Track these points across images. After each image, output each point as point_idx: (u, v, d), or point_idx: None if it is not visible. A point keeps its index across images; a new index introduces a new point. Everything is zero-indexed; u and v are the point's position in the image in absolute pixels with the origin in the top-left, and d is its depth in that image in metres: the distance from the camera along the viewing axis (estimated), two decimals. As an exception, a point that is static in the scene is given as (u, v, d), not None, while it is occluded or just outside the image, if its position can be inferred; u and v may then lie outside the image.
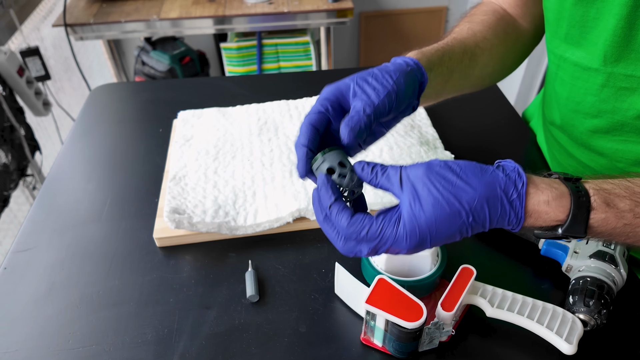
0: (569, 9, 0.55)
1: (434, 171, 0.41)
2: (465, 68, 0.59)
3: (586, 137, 0.61)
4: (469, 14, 0.67)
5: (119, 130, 0.85)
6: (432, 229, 0.40)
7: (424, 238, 0.40)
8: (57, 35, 1.76)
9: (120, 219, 0.67)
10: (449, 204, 0.40)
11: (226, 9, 1.68)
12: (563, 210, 0.41)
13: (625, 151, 0.57)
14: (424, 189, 0.40)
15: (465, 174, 0.41)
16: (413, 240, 0.40)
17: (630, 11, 0.48)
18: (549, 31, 0.62)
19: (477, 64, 0.61)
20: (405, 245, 0.40)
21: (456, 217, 0.40)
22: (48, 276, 0.59)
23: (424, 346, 0.49)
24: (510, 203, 0.40)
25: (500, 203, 0.40)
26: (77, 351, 0.51)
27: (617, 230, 0.41)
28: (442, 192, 0.40)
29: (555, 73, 0.63)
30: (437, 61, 0.55)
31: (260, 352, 0.51)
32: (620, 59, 0.52)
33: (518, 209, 0.40)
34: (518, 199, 0.40)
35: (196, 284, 0.58)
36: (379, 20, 2.35)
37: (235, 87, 0.95)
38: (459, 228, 0.40)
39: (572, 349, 0.45)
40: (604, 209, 0.41)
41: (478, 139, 0.80)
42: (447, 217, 0.40)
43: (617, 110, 0.55)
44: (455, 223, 0.40)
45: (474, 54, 0.60)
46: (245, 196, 0.67)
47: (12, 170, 1.31)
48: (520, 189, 0.40)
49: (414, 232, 0.40)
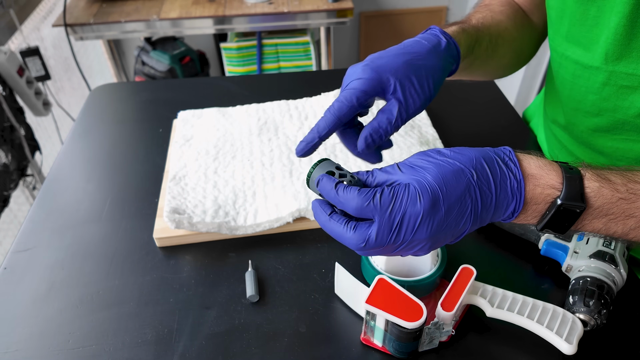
0: (571, 7, 0.55)
1: (428, 151, 0.42)
2: (487, 56, 0.59)
3: (587, 136, 0.61)
4: (484, 3, 0.66)
5: (119, 130, 0.85)
6: (442, 185, 0.39)
7: (436, 195, 0.39)
8: (57, 35, 1.76)
9: (120, 219, 0.67)
10: (450, 164, 0.40)
11: (226, 9, 1.68)
12: (556, 175, 0.41)
13: (626, 150, 0.57)
14: (423, 162, 0.41)
15: (457, 148, 0.43)
16: (426, 197, 0.38)
17: (633, 9, 0.48)
18: (551, 29, 0.62)
19: (496, 54, 0.61)
20: (420, 205, 0.38)
21: (460, 173, 0.40)
22: (48, 276, 0.59)
23: (424, 346, 0.49)
24: (505, 165, 0.41)
25: (497, 164, 0.41)
26: (77, 351, 0.51)
27: (615, 208, 0.41)
28: (440, 159, 0.41)
29: (557, 71, 0.63)
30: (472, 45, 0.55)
31: (260, 352, 0.51)
32: (622, 57, 0.52)
33: (514, 169, 0.41)
34: (511, 161, 0.41)
35: (196, 284, 0.58)
36: (379, 20, 2.35)
37: (235, 87, 0.95)
38: (466, 185, 0.39)
39: (572, 349, 0.45)
40: (596, 178, 0.41)
41: (478, 139, 0.80)
42: (452, 173, 0.40)
43: (618, 109, 0.55)
44: (461, 179, 0.40)
45: (496, 44, 0.60)
46: (245, 196, 0.67)
47: (12, 170, 1.31)
48: (510, 154, 0.42)
49: (425, 189, 0.39)
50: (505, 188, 0.40)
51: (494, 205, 0.40)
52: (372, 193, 0.39)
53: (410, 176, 0.40)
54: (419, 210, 0.38)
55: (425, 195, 0.39)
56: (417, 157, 0.42)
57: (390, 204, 0.39)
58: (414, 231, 0.39)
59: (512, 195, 0.40)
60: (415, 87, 0.48)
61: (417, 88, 0.48)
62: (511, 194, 0.40)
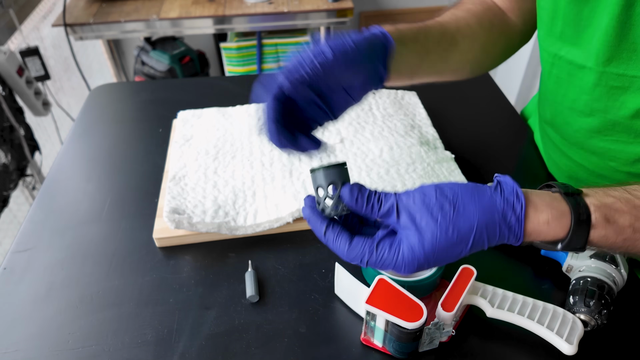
0: (564, 7, 0.55)
1: (431, 202, 0.41)
2: (444, 51, 0.59)
3: (580, 136, 0.61)
4: (458, 3, 0.67)
5: (118, 130, 0.85)
6: (430, 259, 0.41)
7: (421, 266, 0.41)
8: (57, 35, 1.76)
9: (120, 219, 0.67)
10: (447, 236, 0.40)
11: (226, 9, 1.68)
12: (563, 229, 0.41)
13: (618, 151, 0.58)
14: (421, 222, 0.41)
15: (462, 201, 0.41)
16: (411, 268, 0.41)
17: (622, 10, 0.48)
18: (542, 29, 0.62)
19: (457, 48, 0.60)
20: (403, 272, 0.42)
21: (454, 247, 0.41)
22: (48, 276, 0.59)
23: (424, 346, 0.49)
24: (508, 228, 0.40)
25: (498, 228, 0.40)
26: (77, 351, 0.51)
27: (617, 245, 0.42)
28: (440, 224, 0.40)
29: (549, 71, 0.63)
30: (410, 36, 0.54)
31: (260, 353, 0.50)
32: (613, 58, 0.52)
33: (517, 231, 0.41)
34: (517, 223, 0.40)
35: (196, 284, 0.58)
36: (379, 20, 2.35)
37: (235, 87, 0.95)
38: (457, 255, 0.41)
39: (573, 350, 0.45)
40: (604, 226, 0.41)
41: (478, 139, 0.80)
42: (445, 248, 0.40)
43: (609, 109, 0.55)
44: (453, 252, 0.41)
45: (454, 39, 0.59)
46: (245, 196, 0.66)
47: (12, 170, 1.31)
48: (519, 213, 0.40)
49: (412, 263, 0.41)
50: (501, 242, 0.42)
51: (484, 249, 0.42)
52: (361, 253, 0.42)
53: (404, 233, 0.41)
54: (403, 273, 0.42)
55: (411, 267, 0.41)
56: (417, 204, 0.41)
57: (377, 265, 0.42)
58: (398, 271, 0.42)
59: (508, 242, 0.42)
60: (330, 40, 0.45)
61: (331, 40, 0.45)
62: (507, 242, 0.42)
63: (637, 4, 0.47)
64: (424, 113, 0.83)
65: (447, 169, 0.71)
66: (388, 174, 0.69)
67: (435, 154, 0.73)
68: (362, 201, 0.42)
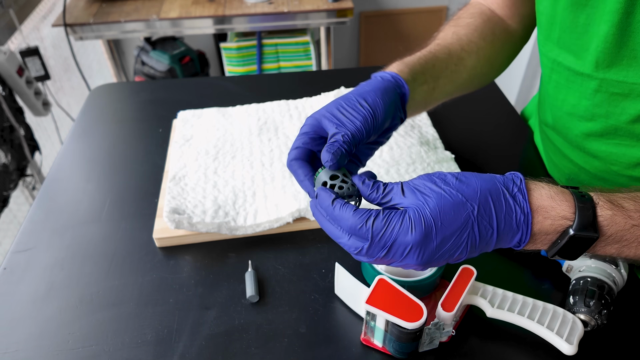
0: (561, 14, 0.55)
1: (434, 176, 0.42)
2: (452, 73, 0.59)
3: (580, 140, 0.61)
4: (455, 17, 0.67)
5: (118, 130, 0.85)
6: (437, 219, 0.39)
7: (429, 227, 0.39)
8: (57, 35, 1.76)
9: (120, 219, 0.67)
10: (452, 196, 0.40)
11: (226, 9, 1.68)
12: (568, 205, 0.40)
13: (619, 154, 0.58)
14: (426, 189, 0.41)
15: (464, 176, 0.42)
16: (419, 229, 0.39)
17: (622, 18, 0.48)
18: (541, 34, 0.62)
19: (464, 67, 0.61)
20: (411, 237, 0.39)
21: (460, 207, 0.40)
22: (47, 276, 0.59)
23: (424, 347, 0.49)
24: (513, 197, 0.40)
25: (503, 197, 0.40)
26: (77, 351, 0.51)
27: (628, 235, 0.41)
28: (444, 188, 0.41)
29: (549, 76, 0.63)
30: (420, 69, 0.55)
31: (260, 353, 0.50)
32: (612, 64, 0.52)
33: (522, 203, 0.40)
34: (520, 192, 0.41)
35: (196, 284, 0.58)
36: (379, 20, 2.35)
37: (235, 87, 0.95)
38: (464, 220, 0.40)
39: (573, 350, 0.45)
40: (609, 206, 0.41)
41: (478, 139, 0.80)
42: (452, 206, 0.40)
43: (610, 115, 0.56)
44: (461, 213, 0.40)
45: (460, 58, 0.60)
46: (245, 196, 0.66)
47: (12, 170, 1.31)
48: (520, 184, 0.41)
49: (420, 222, 0.39)
50: (510, 222, 0.40)
51: (495, 238, 0.41)
52: (367, 216, 0.40)
53: (410, 202, 0.41)
54: (409, 241, 0.39)
55: (418, 226, 0.39)
56: (421, 181, 0.42)
57: (382, 230, 0.40)
58: (403, 257, 0.40)
59: (518, 227, 0.40)
60: (351, 109, 0.47)
61: (352, 109, 0.47)
62: (516, 227, 0.40)
63: (637, 11, 0.47)
64: (424, 113, 0.83)
65: (447, 169, 0.71)
66: (388, 174, 0.69)
67: (435, 154, 0.73)
68: (369, 182, 0.43)
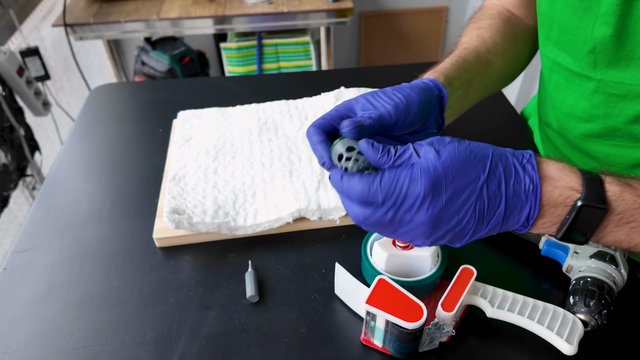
0: (559, 15, 0.55)
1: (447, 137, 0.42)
2: (482, 76, 0.59)
3: (579, 141, 0.61)
4: (474, 19, 0.67)
5: (118, 130, 0.85)
6: (448, 169, 0.39)
7: (438, 178, 0.39)
8: (57, 35, 1.76)
9: (120, 219, 0.67)
10: (464, 153, 0.40)
11: (226, 9, 1.68)
12: (576, 177, 0.40)
13: (618, 155, 0.58)
14: (440, 145, 0.40)
15: (476, 142, 0.42)
16: (426, 178, 0.38)
17: (618, 19, 0.48)
18: (542, 35, 0.62)
19: (492, 69, 0.61)
20: (419, 186, 0.38)
21: (471, 165, 0.39)
22: (48, 276, 0.59)
23: (424, 347, 0.49)
24: (522, 168, 0.40)
25: (513, 166, 0.40)
26: (77, 351, 0.51)
27: (637, 215, 0.39)
28: (457, 145, 0.40)
29: (549, 76, 0.63)
30: (454, 75, 0.55)
31: (260, 353, 0.50)
32: (610, 66, 0.52)
33: (531, 173, 0.40)
34: (529, 164, 0.40)
35: (196, 284, 0.58)
36: (379, 20, 2.35)
37: (235, 87, 0.95)
38: (474, 178, 0.39)
39: (573, 350, 0.45)
40: (617, 182, 0.40)
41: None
42: (463, 161, 0.39)
43: (608, 116, 0.56)
44: (471, 172, 0.39)
45: (488, 60, 0.60)
46: (245, 196, 0.66)
47: (12, 170, 1.31)
48: (530, 158, 0.41)
49: (427, 171, 0.39)
50: (519, 191, 0.40)
51: (503, 208, 0.40)
52: (372, 178, 0.40)
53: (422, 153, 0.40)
54: (419, 190, 0.39)
55: (426, 176, 0.38)
56: (435, 139, 0.42)
57: (390, 185, 0.39)
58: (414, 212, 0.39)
59: (527, 198, 0.40)
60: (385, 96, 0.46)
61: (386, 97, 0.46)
62: (525, 197, 0.40)
63: (634, 13, 0.47)
64: (424, 113, 0.83)
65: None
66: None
67: (435, 154, 0.73)
68: (378, 146, 0.42)
